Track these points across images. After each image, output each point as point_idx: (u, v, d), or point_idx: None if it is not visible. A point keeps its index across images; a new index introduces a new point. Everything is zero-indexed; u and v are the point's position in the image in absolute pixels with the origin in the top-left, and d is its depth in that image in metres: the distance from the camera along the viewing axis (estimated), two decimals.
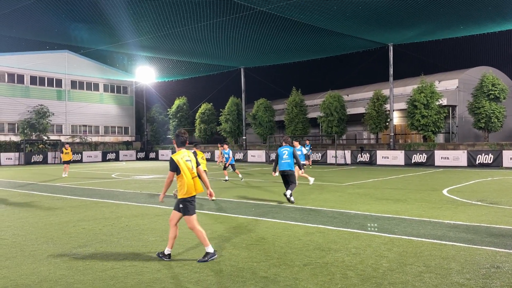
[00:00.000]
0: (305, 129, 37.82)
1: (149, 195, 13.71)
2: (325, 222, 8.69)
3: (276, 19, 23.95)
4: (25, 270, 5.57)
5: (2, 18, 24.09)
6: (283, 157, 11.63)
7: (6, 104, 39.77)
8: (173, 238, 6.11)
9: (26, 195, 13.84)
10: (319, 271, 5.44)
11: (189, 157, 6.23)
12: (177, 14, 23.06)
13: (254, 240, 7.12)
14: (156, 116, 50.58)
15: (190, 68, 39.86)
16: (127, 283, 5.05)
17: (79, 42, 33.89)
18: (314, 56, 35.08)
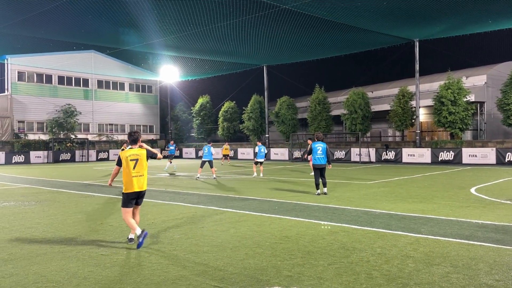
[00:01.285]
0: (328, 126, 37.53)
1: (174, 193, 13.88)
2: (349, 221, 8.63)
3: (299, 16, 23.84)
4: (54, 266, 5.73)
5: (31, 20, 24.75)
6: (318, 152, 12.34)
7: (35, 103, 40.89)
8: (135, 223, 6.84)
9: (55, 193, 14.21)
10: (344, 270, 5.41)
11: (136, 156, 6.85)
12: (201, 14, 23.24)
13: (277, 239, 7.13)
14: (180, 114, 51.10)
15: (213, 67, 40.11)
16: (153, 280, 5.13)
17: (105, 42, 34.55)
18: (338, 53, 34.76)
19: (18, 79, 40.31)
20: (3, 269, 5.59)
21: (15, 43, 33.79)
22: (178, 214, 9.68)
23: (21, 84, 40.44)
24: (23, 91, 40.32)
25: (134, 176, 6.77)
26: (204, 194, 13.36)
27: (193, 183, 16.99)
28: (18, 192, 14.65)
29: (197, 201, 11.85)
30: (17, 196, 13.46)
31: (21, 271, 5.51)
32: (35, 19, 24.41)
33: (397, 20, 25.41)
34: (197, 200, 11.96)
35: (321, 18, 24.20)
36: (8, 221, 9.03)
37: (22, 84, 40.55)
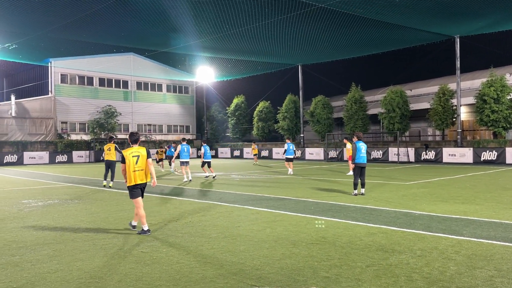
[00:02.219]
0: (365, 126, 36.93)
1: (210, 192, 14.05)
2: (387, 222, 8.47)
3: (335, 15, 23.58)
4: (97, 262, 5.93)
5: (74, 24, 25.68)
6: (362, 151, 12.44)
7: (77, 105, 42.40)
8: (142, 216, 7.80)
9: (97, 191, 14.68)
10: (383, 273, 5.32)
11: (137, 153, 7.79)
12: (237, 14, 23.40)
13: (314, 239, 7.09)
14: (216, 114, 51.65)
15: (248, 67, 40.31)
16: (191, 278, 5.22)
17: (144, 45, 35.40)
18: (375, 50, 34.13)
19: (61, 81, 41.91)
20: (49, 265, 5.83)
21: (59, 46, 35.17)
22: (215, 213, 9.79)
23: (64, 86, 42.02)
24: (66, 93, 41.89)
25: (136, 170, 7.72)
26: (240, 194, 13.45)
27: (229, 182, 17.15)
28: (62, 190, 15.24)
29: (233, 200, 11.95)
30: (60, 194, 14.00)
31: (66, 267, 5.73)
32: (77, 23, 25.32)
33: (436, 17, 24.68)
34: (233, 200, 12.06)
35: (358, 16, 23.84)
36: (53, 219, 9.41)
37: (65, 86, 42.13)
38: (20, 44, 31.37)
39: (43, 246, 6.84)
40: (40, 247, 6.78)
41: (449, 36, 30.03)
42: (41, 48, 34.77)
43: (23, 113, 38.41)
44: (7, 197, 13.26)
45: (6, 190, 15.35)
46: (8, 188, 16.04)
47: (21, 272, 5.49)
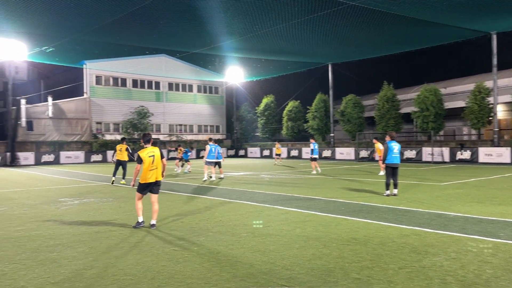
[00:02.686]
0: (397, 125, 36.20)
1: (240, 191, 14.14)
2: (421, 224, 8.29)
3: (367, 12, 23.24)
4: (131, 260, 6.08)
5: (108, 27, 26.35)
6: (394, 151, 12.25)
7: (112, 105, 43.48)
8: (142, 208, 8.51)
9: (131, 190, 15.01)
10: (416, 275, 5.23)
11: (153, 153, 8.37)
12: (267, 14, 23.44)
13: (344, 240, 7.03)
14: (245, 114, 51.84)
15: (277, 67, 40.24)
16: (222, 276, 5.28)
17: (175, 46, 35.95)
18: (408, 48, 33.40)
19: (96, 83, 43.07)
20: (85, 261, 6.02)
21: (93, 49, 36.15)
22: (245, 213, 9.85)
23: (98, 87, 43.18)
24: (100, 94, 43.03)
25: (152, 169, 8.29)
26: (270, 193, 13.47)
27: (259, 182, 17.19)
28: (97, 189, 15.67)
29: (263, 200, 11.98)
30: (96, 193, 14.41)
31: (101, 263, 5.90)
32: (111, 26, 25.97)
33: (472, 13, 23.92)
34: (263, 199, 12.09)
35: (390, 13, 23.42)
36: (88, 216, 9.70)
37: (100, 87, 43.28)
38: (56, 47, 32.45)
39: (79, 243, 7.06)
40: (76, 244, 7.01)
41: (485, 32, 29.06)
42: (77, 51, 35.85)
43: (59, 114, 39.71)
44: (45, 195, 13.76)
45: (44, 189, 15.92)
46: (46, 187, 16.63)
47: (58, 268, 5.70)
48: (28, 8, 22.91)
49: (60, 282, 5.14)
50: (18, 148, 34.68)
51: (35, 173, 24.78)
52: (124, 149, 17.42)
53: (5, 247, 6.83)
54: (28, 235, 7.76)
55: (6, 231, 8.08)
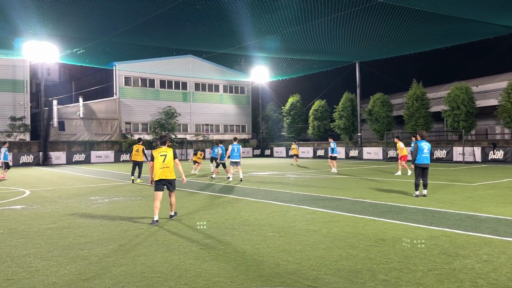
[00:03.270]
0: (427, 124, 35.44)
1: (266, 191, 14.14)
2: (451, 225, 8.10)
3: (395, 10, 22.85)
4: (159, 258, 6.17)
5: (137, 29, 26.84)
6: (424, 151, 12.00)
7: (140, 106, 44.26)
8: (158, 207, 8.93)
9: None
10: (446, 277, 5.11)
11: (165, 153, 8.95)
12: (294, 13, 23.36)
13: (372, 241, 6.94)
14: (271, 114, 51.82)
15: (304, 66, 40.03)
16: (248, 275, 5.30)
17: (202, 47, 36.28)
18: (437, 45, 32.64)
19: (125, 84, 43.93)
20: (114, 258, 6.15)
21: (122, 50, 36.92)
22: (271, 212, 9.85)
23: (127, 88, 44.02)
24: (129, 95, 43.86)
25: (162, 167, 8.86)
26: (296, 193, 13.43)
27: (284, 182, 17.16)
28: (126, 188, 15.98)
29: (289, 199, 11.95)
30: (125, 191, 14.69)
31: (130, 261, 6.01)
32: (139, 28, 26.44)
33: (504, 8, 23.17)
34: (289, 199, 12.06)
35: (419, 10, 22.95)
36: (118, 215, 9.90)
37: (128, 88, 44.11)
38: (87, 49, 33.29)
39: (109, 241, 7.22)
40: (106, 242, 7.17)
41: None
42: (106, 52, 36.68)
43: (90, 115, 40.70)
44: (76, 194, 14.12)
45: (76, 187, 16.35)
46: (77, 186, 17.07)
47: (89, 265, 5.84)
48: (59, 12, 23.58)
49: (90, 278, 5.26)
50: (50, 148, 35.75)
51: (66, 172, 25.48)
52: (140, 149, 18.02)
53: (38, 244, 7.05)
54: (60, 232, 7.98)
55: (38, 229, 8.34)
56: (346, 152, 38.10)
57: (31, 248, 6.79)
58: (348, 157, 37.62)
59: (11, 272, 5.54)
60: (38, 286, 4.99)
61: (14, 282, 5.13)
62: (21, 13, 23.58)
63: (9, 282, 5.13)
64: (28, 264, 5.89)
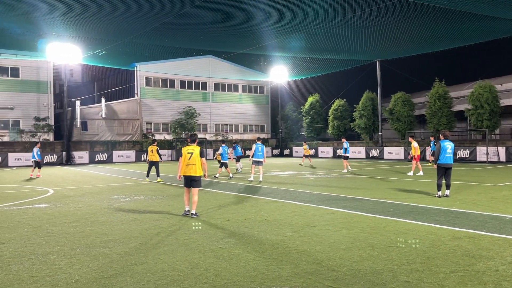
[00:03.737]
0: (450, 123, 34.82)
1: (285, 191, 14.12)
2: (475, 226, 7.94)
3: (417, 7, 22.51)
4: (179, 256, 6.23)
5: (157, 30, 27.14)
6: (447, 151, 11.82)
7: (161, 106, 44.75)
8: (187, 200, 9.66)
9: (179, 188, 15.39)
10: (469, 279, 5.01)
11: (192, 150, 9.43)
12: (315, 12, 23.25)
13: (393, 242, 6.85)
14: (290, 114, 51.68)
15: (323, 65, 39.78)
16: (267, 275, 5.30)
17: (221, 47, 36.47)
18: (460, 43, 32.01)
19: (146, 84, 44.46)
20: (136, 257, 6.23)
21: (143, 51, 37.40)
22: (290, 212, 9.83)
23: (148, 89, 44.54)
24: (150, 95, 44.38)
25: (188, 164, 9.35)
26: (315, 193, 13.36)
27: (304, 182, 17.09)
28: (147, 187, 16.17)
29: (308, 199, 11.90)
30: (146, 191, 14.87)
31: (151, 259, 6.09)
32: (160, 29, 26.74)
33: None
34: (308, 199, 12.01)
35: (441, 8, 22.55)
36: (139, 213, 10.03)
37: (149, 88, 44.63)
38: (109, 50, 33.83)
39: (130, 239, 7.32)
40: (127, 240, 7.27)
41: None
42: (128, 53, 37.22)
43: (112, 115, 41.34)
44: (98, 193, 14.37)
45: (98, 187, 16.63)
46: (99, 185, 17.36)
47: (110, 263, 5.93)
48: (82, 14, 24.01)
49: (112, 276, 5.35)
50: (73, 148, 36.45)
51: (89, 171, 25.94)
52: (155, 150, 18.41)
53: (61, 242, 7.19)
54: (83, 230, 8.13)
55: (62, 227, 8.51)
56: (367, 152, 37.72)
57: (55, 246, 6.93)
58: (368, 157, 37.24)
59: (35, 269, 5.67)
60: (61, 284, 5.09)
61: (38, 279, 5.25)
62: (45, 15, 24.13)
63: (33, 279, 5.25)
64: (51, 261, 6.02)
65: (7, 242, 7.19)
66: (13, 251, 6.59)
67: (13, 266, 5.79)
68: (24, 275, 5.40)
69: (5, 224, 8.85)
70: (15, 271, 5.59)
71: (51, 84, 39.01)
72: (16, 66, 37.29)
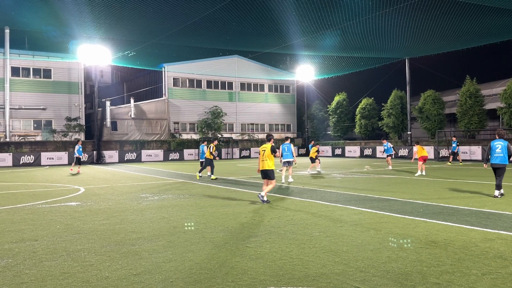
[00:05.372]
0: (481, 122, 33.88)
1: (311, 190, 14.03)
2: (508, 228, 7.69)
3: (447, 3, 21.98)
4: (206, 255, 6.28)
5: (185, 31, 27.46)
6: (496, 150, 11.56)
7: (188, 106, 45.26)
8: (266, 189, 11.34)
9: (205, 187, 15.53)
10: (501, 282, 4.86)
11: (265, 148, 11.25)
12: (340, 10, 23.04)
13: (423, 243, 6.71)
14: (316, 113, 51.36)
15: (350, 63, 39.36)
16: (294, 275, 5.28)
17: (247, 46, 36.59)
18: (492, 40, 31.08)
19: (173, 85, 45.06)
20: (164, 255, 6.32)
21: (171, 52, 37.92)
22: (317, 212, 9.76)
23: (175, 89, 45.12)
24: (177, 95, 44.94)
25: (262, 160, 11.25)
26: (342, 193, 13.24)
27: (330, 181, 16.95)
28: (175, 186, 16.38)
29: (335, 199, 11.80)
30: (174, 189, 15.07)
31: (179, 257, 6.16)
32: (187, 29, 27.04)
33: None
34: (335, 199, 11.90)
35: (472, 3, 21.94)
36: (167, 212, 10.17)
37: (177, 89, 45.20)
38: (137, 51, 34.45)
39: (159, 237, 7.43)
40: (156, 238, 7.38)
41: None
42: (156, 54, 37.82)
43: (140, 115, 42.07)
44: (128, 192, 14.64)
45: (127, 185, 16.95)
46: (128, 183, 17.69)
47: (139, 260, 6.03)
48: (112, 16, 24.53)
49: (141, 273, 5.44)
50: (103, 147, 37.28)
51: (119, 170, 26.47)
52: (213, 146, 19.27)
53: (92, 240, 7.37)
54: (112, 228, 8.31)
55: (92, 225, 8.71)
56: (396, 151, 37.08)
57: (86, 243, 7.11)
58: (397, 156, 36.62)
59: (67, 266, 5.83)
60: (91, 280, 5.21)
61: (70, 276, 5.39)
62: (76, 17, 24.78)
63: (65, 276, 5.40)
64: (82, 258, 6.17)
65: (40, 239, 7.41)
66: (45, 248, 6.79)
67: (46, 263, 5.97)
68: (56, 271, 5.56)
69: (38, 221, 9.14)
70: (47, 267, 5.76)
71: (82, 85, 40.03)
72: (48, 68, 38.43)
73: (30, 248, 6.79)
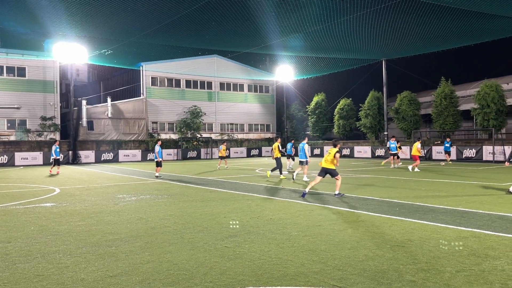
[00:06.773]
0: (456, 122, 34.64)
1: (291, 190, 14.11)
2: (481, 226, 7.89)
3: (422, 6, 22.41)
4: (185, 255, 6.24)
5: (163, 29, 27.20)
6: None
7: (167, 106, 44.84)
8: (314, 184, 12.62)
9: (184, 187, 15.43)
10: (475, 279, 4.98)
11: (330, 151, 12.23)
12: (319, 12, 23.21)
13: (399, 242, 6.83)
14: (295, 113, 51.61)
15: (328, 64, 39.70)
16: (273, 274, 5.30)
17: (226, 46, 36.49)
18: (467, 42, 31.83)
19: (152, 84, 44.56)
20: (141, 256, 6.25)
21: (149, 51, 37.48)
22: (295, 212, 9.82)
23: (154, 88, 44.64)
24: (156, 95, 44.48)
25: (325, 161, 12.27)
26: (321, 192, 13.35)
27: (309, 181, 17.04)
28: (153, 186, 16.22)
29: (315, 199, 11.89)
30: (152, 190, 14.92)
31: (156, 258, 6.10)
32: (166, 28, 26.80)
33: None
34: (315, 199, 11.99)
35: (447, 6, 22.42)
36: (145, 212, 10.06)
37: (155, 88, 44.73)
38: (114, 50, 33.94)
39: (136, 238, 7.35)
40: (133, 239, 7.29)
41: None
42: (134, 53, 37.32)
43: (118, 114, 41.48)
44: (104, 192, 14.43)
45: (104, 186, 16.70)
46: (105, 184, 17.44)
47: (116, 262, 5.95)
48: (88, 13, 24.12)
49: (117, 275, 5.37)
50: (79, 147, 36.62)
51: (95, 170, 26.05)
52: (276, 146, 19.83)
53: (67, 241, 7.23)
54: (89, 229, 8.17)
55: (68, 226, 8.56)
56: (372, 151, 37.61)
57: (61, 244, 6.97)
58: (374, 156, 37.14)
59: (41, 268, 5.70)
60: (67, 282, 5.12)
61: (44, 278, 5.28)
62: (51, 15, 24.26)
63: (39, 278, 5.28)
64: (57, 260, 6.06)
65: (14, 241, 7.24)
66: (19, 250, 6.63)
67: (20, 265, 5.83)
68: (30, 274, 5.43)
69: (11, 223, 8.92)
70: (21, 269, 5.63)
71: (58, 83, 39.20)
72: (22, 66, 37.51)
73: (3, 250, 6.63)
